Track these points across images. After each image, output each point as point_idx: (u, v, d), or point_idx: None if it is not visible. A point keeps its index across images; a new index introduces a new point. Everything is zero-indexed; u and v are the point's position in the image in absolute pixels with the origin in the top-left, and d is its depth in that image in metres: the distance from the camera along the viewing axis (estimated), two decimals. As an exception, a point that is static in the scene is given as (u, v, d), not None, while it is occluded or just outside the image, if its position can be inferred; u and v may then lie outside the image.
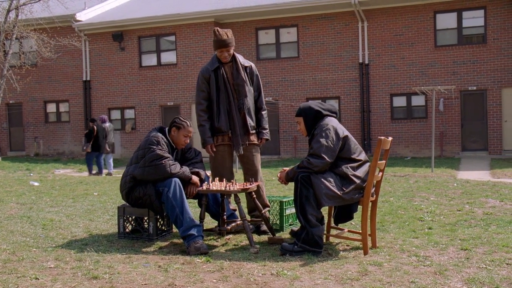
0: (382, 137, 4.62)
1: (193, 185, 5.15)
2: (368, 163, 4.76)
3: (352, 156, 4.69)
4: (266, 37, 21.00)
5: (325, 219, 5.00)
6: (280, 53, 20.81)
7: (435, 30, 18.91)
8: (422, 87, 16.06)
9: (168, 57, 21.96)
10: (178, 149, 5.37)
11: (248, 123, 5.52)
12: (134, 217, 5.41)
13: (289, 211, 5.73)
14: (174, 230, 5.65)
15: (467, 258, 4.37)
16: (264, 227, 5.48)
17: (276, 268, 4.15)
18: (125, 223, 5.41)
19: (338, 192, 4.55)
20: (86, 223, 6.19)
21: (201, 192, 5.09)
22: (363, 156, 4.76)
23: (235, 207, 5.44)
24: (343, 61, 19.89)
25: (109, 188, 9.69)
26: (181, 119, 5.31)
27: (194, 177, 5.18)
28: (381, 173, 4.93)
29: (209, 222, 5.86)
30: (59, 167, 18.39)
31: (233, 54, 5.53)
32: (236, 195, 5.03)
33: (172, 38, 21.80)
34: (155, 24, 21.69)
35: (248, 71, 5.60)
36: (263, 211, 5.34)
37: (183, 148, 5.42)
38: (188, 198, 5.10)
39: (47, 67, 23.14)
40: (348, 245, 5.03)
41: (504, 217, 6.16)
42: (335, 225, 5.24)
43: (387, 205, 7.14)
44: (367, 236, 4.69)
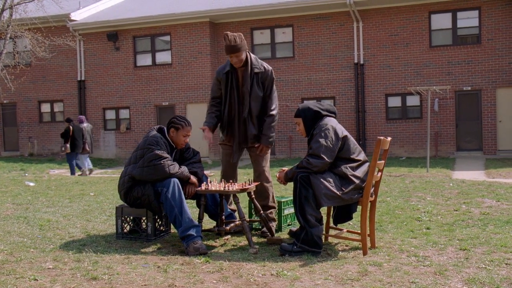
0: (382, 137, 4.62)
1: (192, 185, 5.14)
2: (368, 163, 4.76)
3: (352, 156, 4.69)
4: (261, 37, 21.00)
5: (324, 219, 5.00)
6: (275, 53, 20.82)
7: (430, 31, 18.98)
8: (417, 87, 16.10)
9: (163, 57, 21.91)
10: (178, 149, 5.36)
11: (249, 131, 5.43)
12: (132, 218, 5.39)
13: (288, 211, 5.73)
14: (172, 231, 5.64)
15: (466, 258, 4.38)
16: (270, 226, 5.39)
17: (276, 269, 4.14)
18: (123, 224, 5.39)
19: (338, 192, 4.55)
20: (84, 224, 6.16)
21: (200, 192, 5.08)
22: (362, 156, 4.76)
23: (235, 208, 5.42)
24: (338, 61, 19.92)
25: (105, 188, 9.65)
26: (179, 119, 5.29)
27: (193, 177, 5.16)
28: (380, 173, 4.93)
29: (207, 223, 5.85)
30: (54, 167, 18.36)
31: (247, 58, 5.33)
32: (235, 195, 5.02)
33: (167, 38, 21.75)
34: (150, 24, 21.64)
35: (260, 76, 5.39)
36: (268, 212, 5.33)
37: (182, 148, 5.40)
38: (187, 198, 5.08)
39: (42, 67, 23.05)
40: (347, 245, 5.03)
41: (501, 217, 6.18)
42: (334, 225, 5.24)
43: (384, 205, 7.14)
44: (366, 236, 4.69)
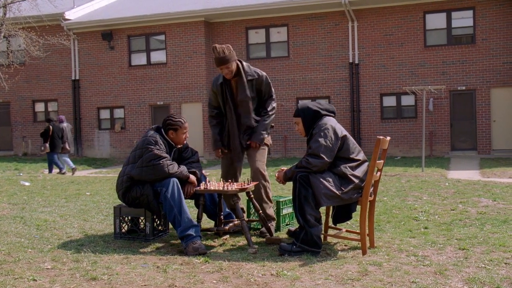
0: (381, 137, 4.62)
1: (191, 185, 5.13)
2: (367, 163, 4.76)
3: (351, 156, 4.69)
4: (256, 37, 20.98)
5: (323, 219, 5.00)
6: (270, 53, 20.80)
7: (425, 30, 19.02)
8: (412, 87, 16.15)
9: (158, 57, 21.85)
10: (177, 148, 5.33)
11: (244, 140, 5.44)
12: (130, 217, 5.37)
13: (286, 211, 5.72)
14: (171, 230, 5.62)
15: (466, 258, 4.39)
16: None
17: (276, 269, 4.13)
18: (121, 223, 5.37)
19: (337, 192, 4.55)
20: (81, 223, 6.13)
21: (199, 192, 5.07)
22: (362, 156, 4.76)
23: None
24: (333, 61, 19.93)
25: (101, 188, 9.62)
26: (174, 120, 5.23)
27: (192, 177, 5.15)
28: (379, 173, 4.93)
29: (205, 222, 5.84)
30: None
31: (239, 67, 5.34)
32: (236, 195, 5.01)
33: (162, 37, 21.70)
34: (145, 23, 21.57)
35: (255, 83, 5.44)
36: (265, 217, 5.29)
37: (180, 148, 5.39)
38: (186, 198, 5.07)
39: (36, 66, 22.93)
40: (346, 245, 5.03)
41: (498, 217, 6.20)
42: (334, 225, 5.24)
43: (381, 205, 7.15)
44: (366, 236, 4.69)
